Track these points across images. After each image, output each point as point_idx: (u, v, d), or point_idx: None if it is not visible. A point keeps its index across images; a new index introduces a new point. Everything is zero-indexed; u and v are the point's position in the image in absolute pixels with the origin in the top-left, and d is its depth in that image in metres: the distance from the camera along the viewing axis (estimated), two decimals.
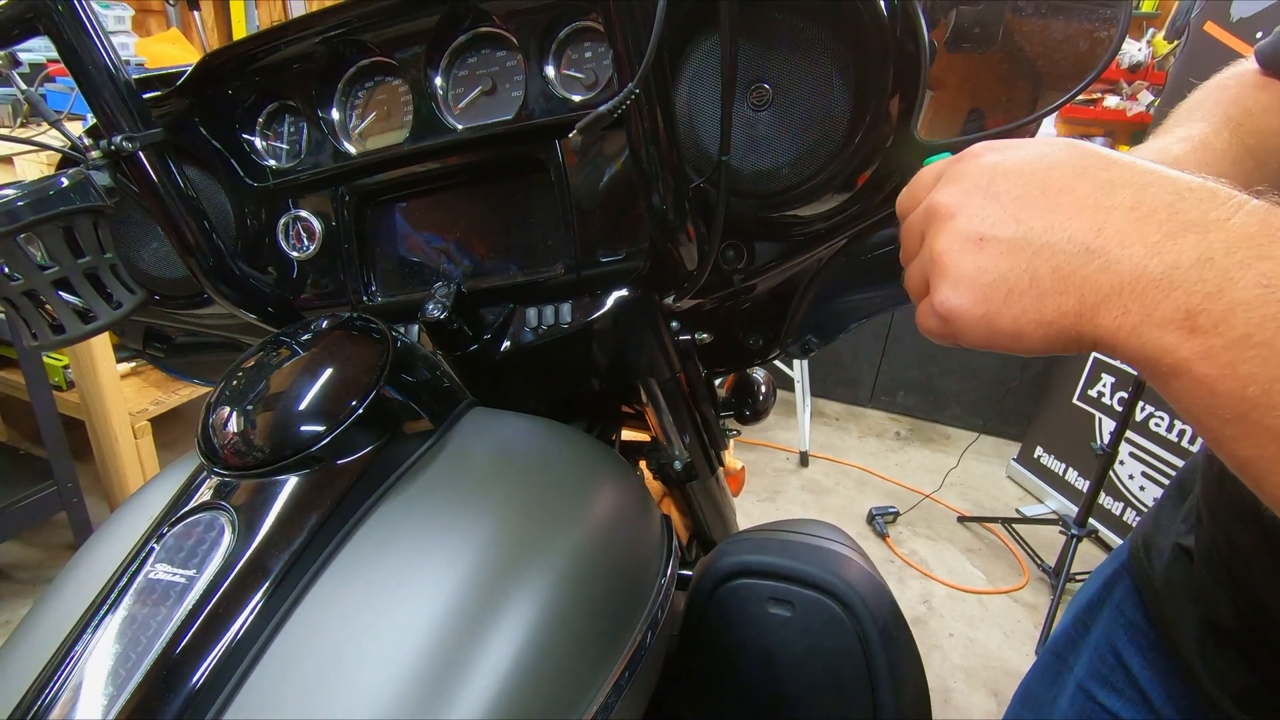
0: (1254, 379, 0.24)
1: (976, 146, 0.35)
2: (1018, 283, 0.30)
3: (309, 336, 0.51)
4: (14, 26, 0.50)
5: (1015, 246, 0.30)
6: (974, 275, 0.31)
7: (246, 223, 0.67)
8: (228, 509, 0.43)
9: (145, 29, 2.59)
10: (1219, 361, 0.25)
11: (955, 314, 0.32)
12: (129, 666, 0.37)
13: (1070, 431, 2.35)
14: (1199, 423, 0.27)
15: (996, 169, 0.32)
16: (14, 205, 0.48)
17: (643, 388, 0.66)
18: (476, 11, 0.57)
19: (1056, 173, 0.31)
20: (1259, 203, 0.27)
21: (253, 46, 0.62)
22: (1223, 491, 0.53)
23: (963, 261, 0.32)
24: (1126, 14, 0.45)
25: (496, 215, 0.62)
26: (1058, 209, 0.30)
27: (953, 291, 0.32)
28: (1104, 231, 0.28)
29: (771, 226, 0.57)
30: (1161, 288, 0.26)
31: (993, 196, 0.32)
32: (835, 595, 0.56)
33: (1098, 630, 0.65)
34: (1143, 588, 0.61)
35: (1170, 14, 2.70)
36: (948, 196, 0.34)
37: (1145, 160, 0.30)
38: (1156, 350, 0.27)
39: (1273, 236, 0.25)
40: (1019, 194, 0.31)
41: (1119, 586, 0.65)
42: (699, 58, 0.51)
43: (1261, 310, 0.24)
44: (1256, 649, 0.50)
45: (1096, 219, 0.28)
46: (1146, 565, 0.61)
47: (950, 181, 0.34)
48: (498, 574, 0.41)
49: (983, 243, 0.31)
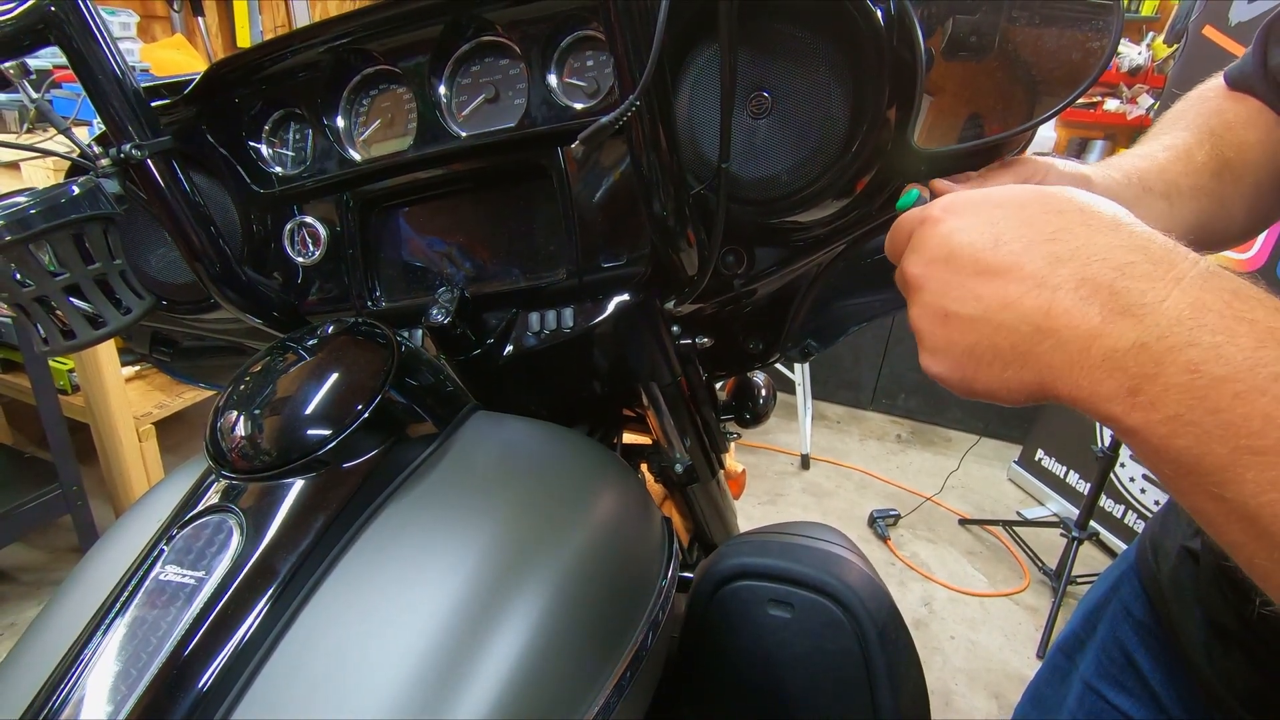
0: (1188, 451, 0.27)
1: (937, 207, 0.37)
2: (984, 355, 0.33)
3: (315, 341, 0.52)
4: (25, 37, 0.50)
5: (976, 324, 0.33)
6: (945, 347, 0.35)
7: (252, 229, 0.68)
8: (236, 511, 0.44)
9: (150, 35, 2.61)
10: (1158, 433, 0.28)
11: (937, 378, 0.36)
12: (140, 666, 0.38)
13: (1071, 434, 2.35)
14: (1156, 473, 0.30)
15: (952, 241, 0.35)
16: (26, 213, 0.49)
17: (644, 391, 0.67)
18: (480, 21, 0.58)
19: (1005, 249, 0.33)
20: (1196, 273, 0.29)
21: (259, 55, 0.63)
22: None
23: (935, 334, 0.35)
24: (1118, 23, 0.45)
25: (499, 221, 0.63)
26: (1009, 284, 0.32)
27: (931, 359, 0.36)
28: (1051, 312, 0.31)
29: (771, 232, 0.58)
30: (1104, 369, 0.29)
31: (953, 270, 0.34)
32: (834, 597, 0.56)
33: (1104, 629, 0.66)
34: (1150, 588, 0.62)
35: (1170, 18, 2.70)
36: (915, 268, 0.37)
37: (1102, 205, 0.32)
38: (1110, 417, 0.30)
39: (1200, 320, 0.27)
40: (974, 270, 0.33)
41: (1125, 587, 0.65)
42: (699, 66, 0.52)
43: (1189, 394, 0.27)
44: (1262, 651, 0.50)
45: (1043, 298, 0.31)
46: (1154, 566, 0.61)
47: (915, 250, 0.37)
48: (501, 576, 0.42)
49: (948, 318, 0.34)
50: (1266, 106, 0.58)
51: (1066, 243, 0.31)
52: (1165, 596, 0.59)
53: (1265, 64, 0.58)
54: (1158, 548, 0.62)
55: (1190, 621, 0.56)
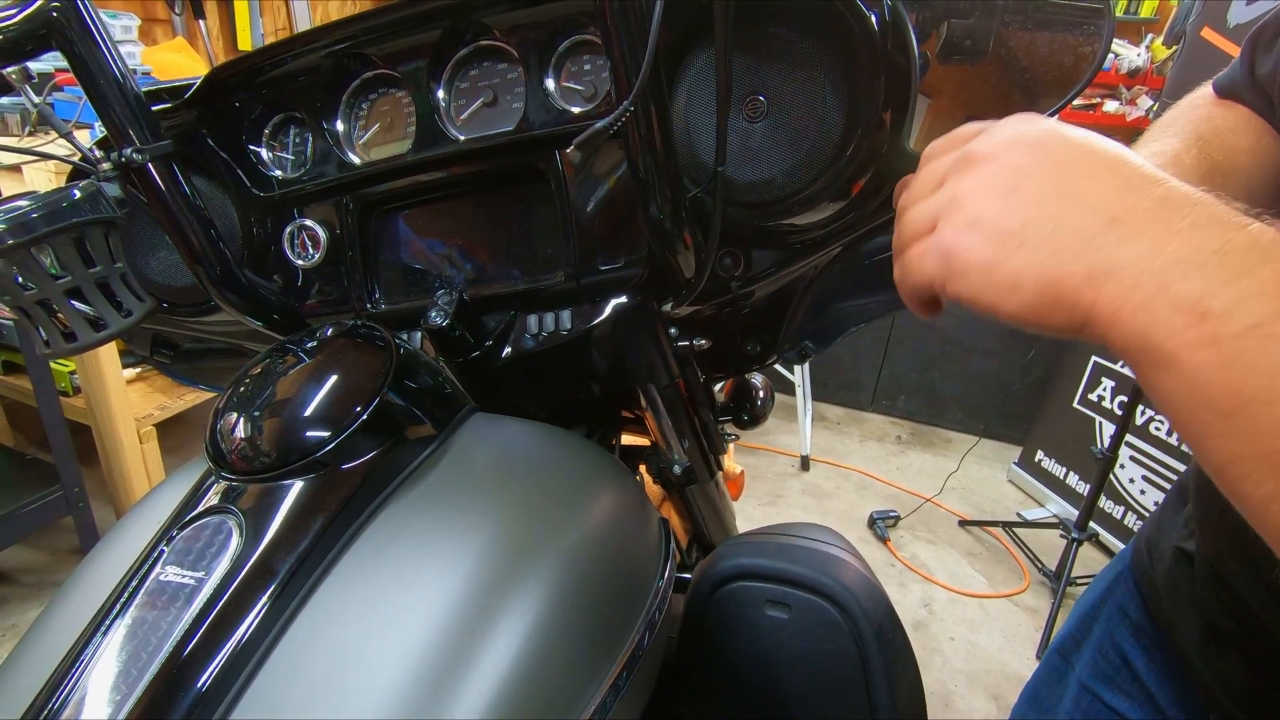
0: (1256, 371, 0.25)
1: (1031, 115, 0.34)
2: (1035, 235, 0.30)
3: (314, 344, 0.52)
4: (28, 42, 0.51)
5: (1044, 201, 0.30)
6: (994, 218, 0.31)
7: (253, 232, 0.68)
8: (235, 512, 0.44)
9: (151, 38, 2.62)
10: (1224, 349, 0.25)
11: (958, 253, 0.32)
12: (140, 666, 0.38)
13: (1071, 435, 2.35)
14: (1186, 415, 0.27)
15: (1049, 134, 0.32)
16: (29, 217, 0.49)
17: (642, 393, 0.67)
18: (478, 26, 0.58)
19: (1100, 159, 0.31)
20: (1268, 220, 0.27)
21: (259, 60, 0.63)
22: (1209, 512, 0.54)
23: (987, 203, 0.32)
24: (1110, 28, 0.46)
25: (497, 224, 0.63)
26: (1094, 181, 0.30)
27: (966, 229, 0.32)
28: (1133, 210, 0.28)
29: (768, 235, 0.58)
30: (1181, 268, 0.26)
31: (1038, 154, 0.32)
32: (831, 598, 0.57)
33: (1099, 630, 0.66)
34: (1145, 589, 0.62)
35: (1168, 20, 2.71)
36: (990, 146, 0.33)
37: None
38: (1156, 334, 0.27)
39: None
40: (1062, 160, 0.31)
41: (1121, 588, 0.65)
42: (695, 70, 0.52)
43: (1275, 302, 0.25)
44: (1257, 651, 0.51)
45: (1128, 199, 0.29)
46: (1149, 567, 0.61)
47: (998, 133, 0.34)
48: (498, 577, 0.42)
49: (1014, 191, 0.31)
50: (1255, 114, 0.59)
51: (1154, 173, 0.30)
52: (1160, 597, 0.59)
53: (1253, 72, 0.59)
54: (1153, 548, 0.62)
55: (1185, 622, 0.56)
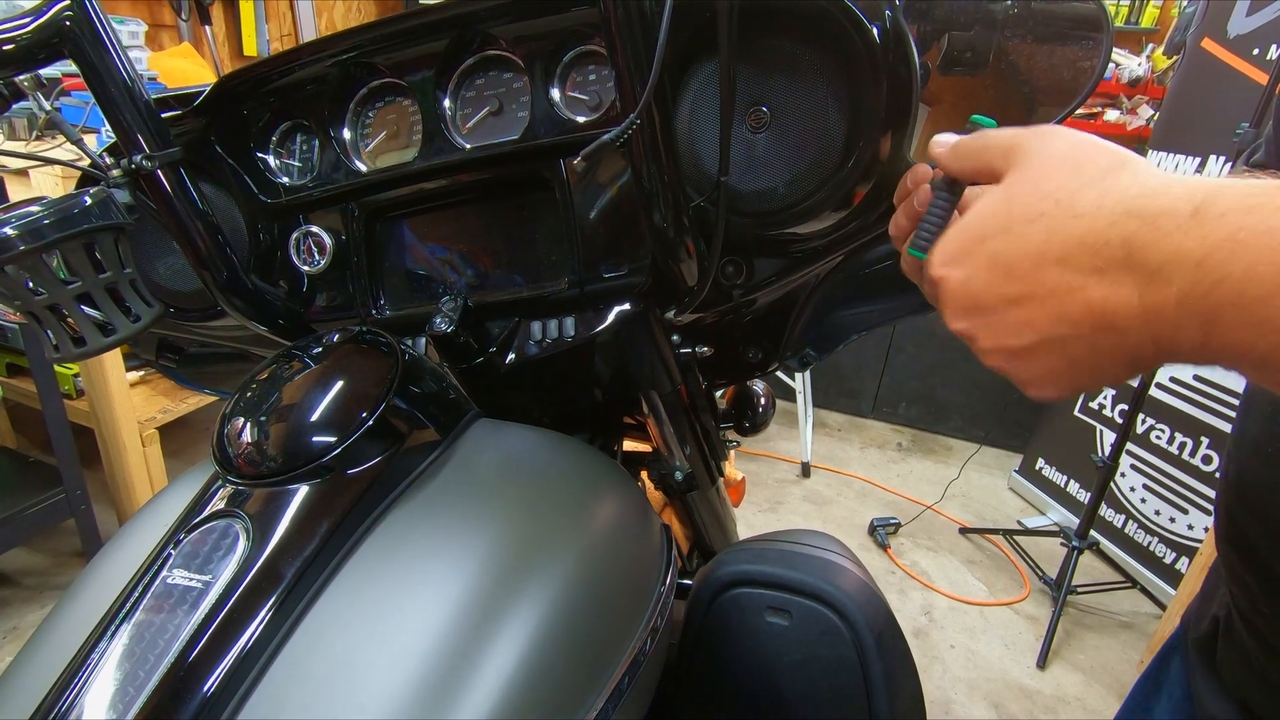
0: None
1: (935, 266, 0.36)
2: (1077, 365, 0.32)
3: (320, 350, 0.53)
4: (40, 50, 0.52)
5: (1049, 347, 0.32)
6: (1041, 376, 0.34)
7: (259, 238, 0.69)
8: (242, 516, 0.44)
9: (158, 44, 2.63)
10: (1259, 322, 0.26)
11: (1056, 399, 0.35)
12: (146, 669, 0.38)
13: (1071, 443, 2.35)
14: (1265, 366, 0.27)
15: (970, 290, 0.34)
16: (40, 223, 0.50)
17: (644, 400, 0.67)
18: (484, 36, 0.59)
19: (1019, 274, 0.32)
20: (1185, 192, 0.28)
21: (267, 68, 0.64)
22: None
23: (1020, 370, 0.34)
24: (1108, 42, 0.46)
25: (502, 231, 0.64)
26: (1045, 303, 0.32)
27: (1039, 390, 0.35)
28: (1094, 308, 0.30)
29: (770, 243, 0.59)
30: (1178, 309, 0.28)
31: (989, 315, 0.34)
32: (832, 604, 0.57)
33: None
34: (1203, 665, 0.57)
35: (1169, 30, 2.72)
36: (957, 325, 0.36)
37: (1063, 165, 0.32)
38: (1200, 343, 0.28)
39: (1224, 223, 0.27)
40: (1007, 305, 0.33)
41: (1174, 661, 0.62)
42: (699, 81, 0.52)
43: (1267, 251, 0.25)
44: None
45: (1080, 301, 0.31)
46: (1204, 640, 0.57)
47: (946, 310, 0.36)
48: (501, 583, 0.42)
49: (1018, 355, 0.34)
50: None
51: (1058, 235, 0.31)
52: None
53: None
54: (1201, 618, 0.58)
55: None
